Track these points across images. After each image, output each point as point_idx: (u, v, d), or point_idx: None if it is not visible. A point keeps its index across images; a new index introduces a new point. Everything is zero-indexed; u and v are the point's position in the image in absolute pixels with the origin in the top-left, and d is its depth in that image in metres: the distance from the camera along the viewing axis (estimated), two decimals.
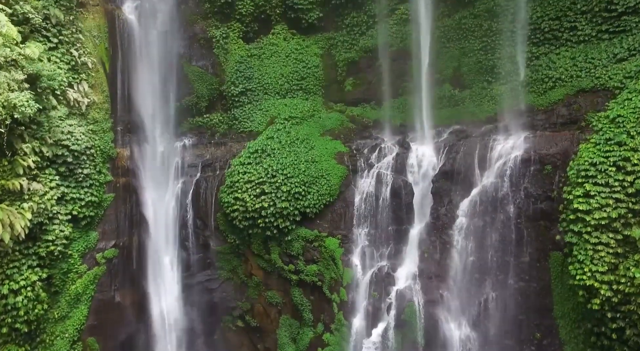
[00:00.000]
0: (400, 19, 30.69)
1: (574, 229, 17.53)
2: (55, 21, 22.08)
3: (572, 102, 21.68)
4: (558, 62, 23.35)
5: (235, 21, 31.15)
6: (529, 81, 24.46)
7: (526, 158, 21.01)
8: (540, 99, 23.24)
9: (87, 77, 23.55)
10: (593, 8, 23.46)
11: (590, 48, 22.72)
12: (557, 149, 20.35)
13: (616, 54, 21.44)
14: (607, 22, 22.79)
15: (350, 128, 28.69)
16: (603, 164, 17.27)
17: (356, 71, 31.13)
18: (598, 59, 21.84)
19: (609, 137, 17.61)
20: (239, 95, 30.08)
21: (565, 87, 22.49)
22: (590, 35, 23.22)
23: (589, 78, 21.79)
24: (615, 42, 21.91)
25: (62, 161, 21.45)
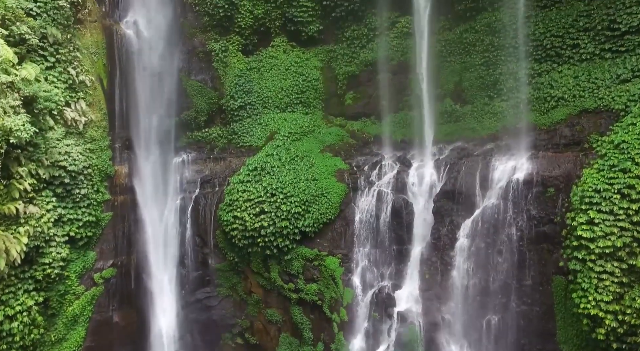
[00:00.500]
0: (401, 32, 30.42)
1: (578, 256, 17.26)
2: (52, 40, 21.77)
3: (575, 122, 21.38)
4: (560, 81, 23.06)
5: (234, 34, 30.86)
6: (531, 99, 24.16)
7: (528, 180, 20.71)
8: (543, 118, 22.94)
9: (85, 96, 23.23)
10: (595, 26, 23.17)
11: (593, 67, 22.42)
12: (560, 171, 20.05)
13: (619, 75, 21.15)
14: (610, 41, 22.50)
15: (351, 144, 28.39)
16: (607, 191, 16.98)
17: (356, 85, 30.84)
18: (601, 80, 21.54)
19: (613, 164, 17.32)
20: (238, 109, 29.79)
21: (568, 106, 22.20)
22: (593, 54, 22.93)
23: (592, 98, 21.49)
24: (619, 62, 21.62)
25: (59, 182, 21.15)
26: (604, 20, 22.70)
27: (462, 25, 28.93)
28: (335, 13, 31.01)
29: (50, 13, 21.99)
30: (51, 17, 22.00)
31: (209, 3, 29.53)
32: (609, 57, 22.31)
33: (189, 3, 29.92)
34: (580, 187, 18.08)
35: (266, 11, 31.23)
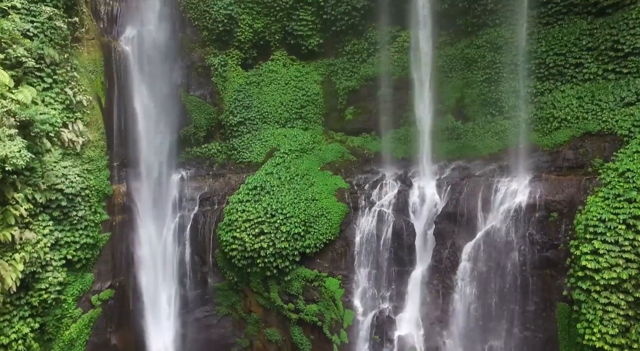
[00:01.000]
0: (402, 46, 30.11)
1: (582, 286, 16.94)
2: (49, 61, 21.42)
3: (578, 145, 21.06)
4: (563, 101, 22.73)
5: (233, 48, 30.54)
6: (533, 119, 23.84)
7: (531, 204, 20.39)
8: (545, 139, 22.62)
9: (83, 116, 22.89)
10: (599, 46, 22.84)
11: (597, 88, 22.08)
12: (563, 195, 19.73)
13: (623, 97, 20.82)
14: (613, 62, 22.17)
15: (351, 161, 28.08)
16: (612, 221, 16.66)
17: (357, 100, 30.53)
18: (605, 102, 21.20)
19: (619, 193, 17.00)
20: (238, 125, 29.47)
21: (571, 128, 21.88)
22: (597, 74, 22.61)
23: (595, 121, 21.17)
24: (622, 84, 21.29)
25: (56, 206, 20.81)
26: (607, 41, 22.37)
27: (463, 40, 28.63)
28: (335, 27, 30.71)
29: (48, 33, 21.65)
30: (48, 38, 21.65)
31: (208, 18, 29.22)
32: (612, 78, 21.97)
33: (188, 18, 29.60)
34: (584, 215, 17.76)
35: (266, 25, 30.93)
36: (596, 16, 24.02)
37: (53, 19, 21.48)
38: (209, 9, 29.13)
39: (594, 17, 24.07)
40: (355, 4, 30.02)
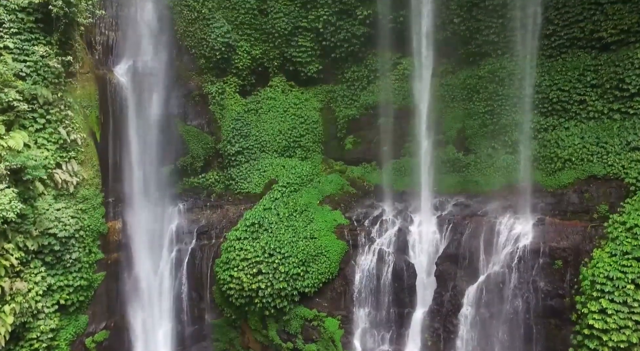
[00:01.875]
0: (402, 74, 29.59)
1: (590, 346, 16.41)
2: (42, 101, 20.82)
3: (583, 189, 20.53)
4: (567, 140, 22.18)
5: (231, 75, 30.00)
6: (537, 156, 23.29)
7: (535, 249, 19.86)
8: (549, 180, 22.08)
9: (77, 154, 22.30)
10: (603, 83, 22.30)
11: (602, 128, 21.54)
12: (568, 243, 19.20)
13: (629, 141, 20.27)
14: (618, 101, 21.63)
15: (351, 193, 27.53)
16: (620, 280, 16.14)
17: (357, 129, 29.99)
18: (610, 145, 20.67)
19: (627, 251, 16.47)
20: (236, 154, 28.93)
21: (575, 170, 21.34)
22: (602, 113, 22.07)
23: (600, 164, 20.64)
24: (628, 126, 20.74)
25: (48, 251, 20.23)
26: (612, 79, 21.84)
27: (465, 69, 28.09)
28: (334, 54, 30.19)
29: (41, 72, 21.05)
30: (41, 77, 21.05)
31: (206, 46, 28.66)
32: (618, 119, 21.42)
33: (185, 45, 29.03)
34: (590, 270, 17.24)
35: (264, 51, 30.41)
36: (600, 51, 23.49)
37: (46, 58, 20.91)
38: (206, 37, 28.58)
39: (598, 52, 23.54)
40: (355, 31, 29.52)
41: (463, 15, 27.43)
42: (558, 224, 20.12)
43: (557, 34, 24.74)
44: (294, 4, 30.32)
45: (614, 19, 22.53)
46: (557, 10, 24.68)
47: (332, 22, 29.58)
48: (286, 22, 30.03)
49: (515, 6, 25.79)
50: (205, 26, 28.66)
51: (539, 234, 20.12)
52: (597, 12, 23.35)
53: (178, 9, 28.65)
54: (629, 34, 22.08)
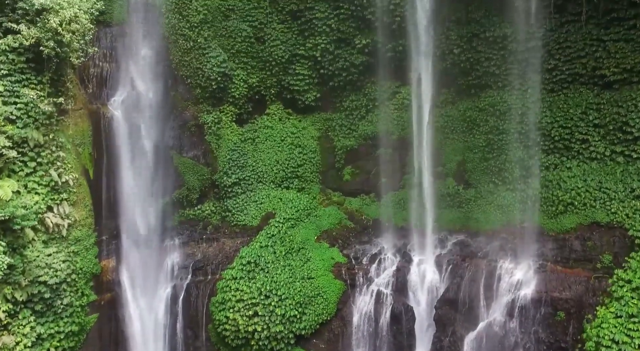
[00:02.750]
0: (402, 104, 29.10)
1: None
2: (33, 144, 20.40)
3: (585, 236, 20.05)
4: (569, 182, 21.69)
5: (227, 104, 29.47)
6: (538, 196, 22.83)
7: (536, 299, 19.41)
8: (551, 223, 21.61)
9: (69, 196, 21.85)
10: (606, 124, 21.83)
11: (605, 171, 21.05)
12: (571, 294, 18.75)
13: (634, 189, 19.78)
14: (622, 144, 21.17)
15: (349, 228, 27.05)
16: (627, 345, 15.68)
17: (355, 159, 29.50)
18: (614, 191, 20.20)
19: (633, 313, 16.02)
20: (232, 185, 28.43)
21: (578, 215, 20.86)
22: (604, 155, 21.60)
23: (603, 211, 20.17)
24: (632, 171, 20.26)
25: (38, 299, 19.81)
26: (616, 121, 21.37)
27: (465, 100, 27.60)
28: (333, 82, 29.72)
29: (32, 113, 20.60)
30: (32, 118, 20.62)
31: (201, 75, 28.18)
32: (621, 162, 20.96)
33: (181, 75, 28.54)
34: (595, 329, 16.79)
35: (261, 79, 29.93)
36: (603, 88, 22.99)
37: (37, 100, 20.44)
38: (202, 67, 28.10)
39: (600, 89, 23.06)
40: (354, 60, 29.04)
41: (463, 46, 26.96)
42: (560, 273, 19.67)
43: (558, 69, 24.25)
44: (291, 32, 29.89)
45: (616, 58, 22.08)
46: (559, 45, 24.21)
47: (330, 51, 29.11)
48: (283, 50, 29.58)
49: (515, 39, 25.39)
50: (201, 55, 28.19)
51: (540, 282, 19.67)
52: (599, 49, 22.90)
53: (173, 38, 28.18)
54: (632, 73, 21.61)
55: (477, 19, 26.42)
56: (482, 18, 26.35)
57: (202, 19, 28.05)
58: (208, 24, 28.31)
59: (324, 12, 28.95)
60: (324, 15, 28.92)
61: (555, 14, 24.28)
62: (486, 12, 26.25)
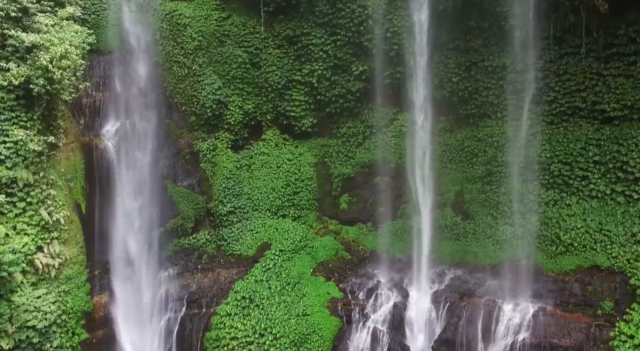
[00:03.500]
0: (399, 131, 28.73)
1: None
2: (22, 184, 19.95)
3: (586, 279, 19.63)
4: (569, 221, 21.26)
5: (223, 131, 29.03)
6: (538, 233, 22.41)
7: (536, 344, 18.99)
8: (550, 263, 21.19)
9: (60, 234, 21.34)
10: (607, 162, 21.40)
11: (605, 211, 20.62)
12: (571, 341, 18.32)
13: (635, 233, 19.38)
14: (622, 183, 20.74)
15: (345, 260, 26.61)
16: None
17: (352, 187, 29.08)
18: (614, 234, 19.78)
19: None
20: (228, 214, 27.98)
21: (578, 256, 20.45)
22: (604, 193, 21.16)
23: (604, 254, 19.77)
24: (633, 213, 19.84)
25: (27, 344, 19.35)
26: (616, 159, 20.95)
27: (464, 129, 27.20)
28: (329, 109, 29.30)
29: (22, 152, 20.16)
30: (22, 157, 20.17)
31: (196, 103, 27.77)
32: (622, 202, 20.54)
33: (175, 103, 28.17)
34: None
35: (257, 105, 29.49)
36: (603, 123, 22.58)
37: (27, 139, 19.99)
38: (197, 94, 27.69)
39: (600, 124, 22.65)
40: (351, 87, 28.65)
41: (462, 74, 26.57)
42: (560, 317, 19.24)
43: (558, 102, 23.86)
44: (287, 57, 29.48)
45: (616, 93, 21.66)
46: (558, 77, 23.81)
47: (327, 77, 28.70)
48: (279, 75, 29.17)
49: (514, 69, 24.99)
50: (196, 83, 27.77)
51: (539, 327, 19.23)
52: (599, 83, 22.49)
53: (168, 65, 27.79)
54: (632, 110, 21.19)
55: (476, 48, 26.03)
56: (480, 47, 25.97)
57: (196, 45, 27.62)
58: (203, 50, 27.88)
59: (320, 38, 28.58)
60: (320, 41, 28.54)
61: (555, 46, 23.92)
62: (485, 41, 25.88)
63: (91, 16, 26.12)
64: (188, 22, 27.58)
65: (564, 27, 23.36)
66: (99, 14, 26.46)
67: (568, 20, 23.00)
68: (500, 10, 24.37)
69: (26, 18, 20.82)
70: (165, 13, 27.57)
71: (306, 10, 28.62)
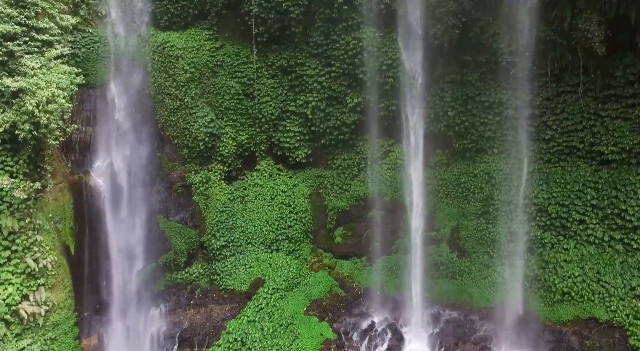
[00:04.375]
0: (395, 163, 28.25)
1: None
2: (7, 232, 19.48)
3: (584, 333, 19.14)
4: (566, 268, 20.76)
5: (216, 163, 28.51)
6: (535, 277, 21.93)
7: None
8: (548, 311, 20.70)
9: (46, 280, 20.83)
10: (605, 207, 20.91)
11: (603, 260, 20.11)
12: None
13: (634, 287, 18.91)
14: (621, 231, 20.24)
15: (340, 297, 26.10)
16: None
17: (347, 221, 28.56)
18: (613, 286, 19.29)
19: None
20: (221, 248, 27.47)
21: (575, 307, 19.96)
22: (602, 240, 20.67)
23: (602, 307, 19.27)
24: (632, 263, 19.36)
25: None
26: (614, 205, 20.45)
27: (460, 163, 26.72)
28: (324, 140, 28.81)
29: (6, 199, 19.68)
30: (7, 204, 19.69)
31: (188, 136, 27.24)
32: (620, 250, 20.04)
33: (167, 136, 27.61)
34: None
35: (250, 136, 29.02)
36: (601, 164, 22.09)
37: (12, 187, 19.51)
38: (189, 127, 27.16)
39: (598, 165, 22.14)
40: (345, 119, 28.16)
41: (458, 108, 26.08)
42: None
43: (555, 140, 23.37)
44: (281, 87, 29.03)
45: (614, 136, 21.17)
46: (555, 115, 23.32)
47: (322, 108, 28.22)
48: (273, 106, 28.73)
49: (511, 105, 24.52)
50: (188, 115, 27.25)
51: None
52: (596, 124, 22.00)
53: (160, 97, 27.26)
54: (630, 154, 20.71)
55: (473, 82, 25.54)
56: (477, 81, 25.49)
57: (189, 77, 27.11)
58: (195, 81, 27.38)
59: (314, 68, 28.11)
60: (314, 72, 28.06)
61: (552, 83, 23.44)
62: (482, 76, 25.40)
63: (81, 50, 25.51)
64: (180, 53, 27.08)
65: (561, 65, 22.88)
66: (89, 47, 25.85)
67: (565, 58, 22.53)
68: (497, 47, 23.90)
69: (12, 61, 20.29)
70: (157, 45, 27.05)
71: (300, 41, 28.19)
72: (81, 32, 25.75)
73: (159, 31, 27.78)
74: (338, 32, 27.06)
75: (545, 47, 22.60)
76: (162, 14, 27.68)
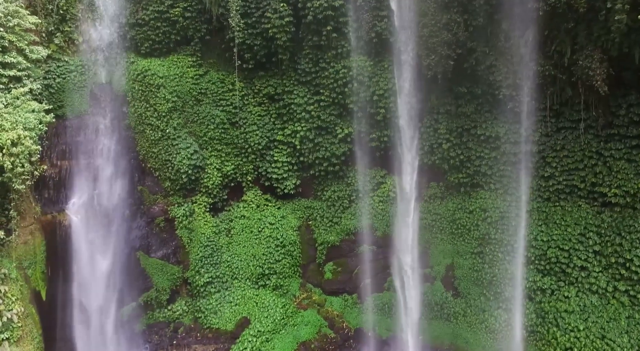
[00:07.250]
0: (387, 196, 26.64)
1: None
2: None
3: None
4: (568, 319, 19.18)
5: (200, 194, 26.78)
6: (533, 326, 20.42)
7: None
8: None
9: (12, 333, 19.17)
10: (609, 255, 19.38)
11: (607, 314, 18.59)
12: None
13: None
14: (625, 282, 18.72)
15: (329, 339, 24.52)
16: None
17: (337, 255, 26.91)
18: (619, 345, 17.80)
19: None
20: (205, 285, 25.83)
21: None
22: (606, 290, 19.18)
23: None
24: (638, 318, 17.88)
25: None
26: (619, 253, 18.95)
27: (455, 198, 25.13)
28: (313, 171, 27.22)
29: None
30: None
31: (171, 168, 25.57)
32: (626, 303, 18.54)
33: (149, 167, 25.95)
34: None
35: (237, 166, 27.36)
36: (603, 206, 20.58)
37: None
38: (172, 159, 25.50)
39: (600, 206, 20.63)
40: (335, 150, 26.56)
41: (453, 141, 24.54)
42: None
43: (555, 178, 21.86)
44: (268, 115, 27.45)
45: (617, 178, 19.66)
46: (555, 152, 21.81)
47: (310, 138, 26.62)
48: (260, 135, 27.12)
49: (508, 140, 23.03)
50: (170, 146, 25.58)
51: None
52: (599, 163, 20.49)
53: (140, 128, 25.60)
54: (635, 199, 19.21)
55: (468, 114, 24.04)
56: (473, 113, 24.00)
57: (171, 107, 25.46)
58: (178, 111, 25.74)
59: (303, 97, 26.55)
60: (303, 101, 26.50)
61: (552, 118, 21.94)
62: (477, 108, 23.91)
63: (56, 80, 23.86)
64: (162, 82, 25.42)
65: (561, 100, 21.39)
66: (65, 77, 24.21)
67: (566, 93, 21.04)
68: (493, 79, 22.41)
69: None
70: (137, 73, 25.39)
71: (288, 68, 26.61)
72: (56, 61, 24.14)
73: (140, 58, 26.10)
74: (327, 59, 25.50)
75: (544, 81, 21.12)
76: (142, 40, 25.95)
